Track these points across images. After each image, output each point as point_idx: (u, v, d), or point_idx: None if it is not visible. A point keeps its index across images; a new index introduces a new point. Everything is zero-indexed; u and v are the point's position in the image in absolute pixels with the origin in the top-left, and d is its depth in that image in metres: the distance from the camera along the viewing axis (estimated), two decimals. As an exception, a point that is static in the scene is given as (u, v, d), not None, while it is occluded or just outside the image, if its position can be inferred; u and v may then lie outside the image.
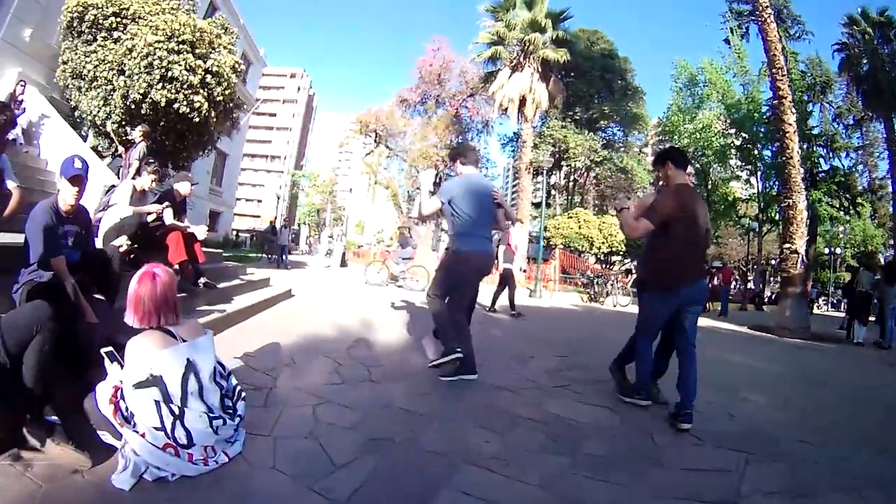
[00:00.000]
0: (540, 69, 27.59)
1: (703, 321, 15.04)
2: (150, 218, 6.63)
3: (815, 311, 31.16)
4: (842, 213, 34.47)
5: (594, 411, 4.46)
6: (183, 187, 7.28)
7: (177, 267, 6.52)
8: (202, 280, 7.06)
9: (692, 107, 33.69)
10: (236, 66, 14.11)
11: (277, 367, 4.84)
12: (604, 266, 26.00)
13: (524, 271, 17.94)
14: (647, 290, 4.53)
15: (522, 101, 27.60)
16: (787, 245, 15.05)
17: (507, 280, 11.60)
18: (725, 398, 5.21)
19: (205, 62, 12.85)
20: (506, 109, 28.72)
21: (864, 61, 30.26)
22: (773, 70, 16.00)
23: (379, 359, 5.63)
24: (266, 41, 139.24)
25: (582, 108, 33.31)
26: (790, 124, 15.65)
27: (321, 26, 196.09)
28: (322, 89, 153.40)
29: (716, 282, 21.40)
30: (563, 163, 33.21)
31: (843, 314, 20.21)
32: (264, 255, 25.35)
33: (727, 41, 32.99)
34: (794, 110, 16.17)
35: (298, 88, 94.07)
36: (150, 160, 9.51)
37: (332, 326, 7.32)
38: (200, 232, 7.12)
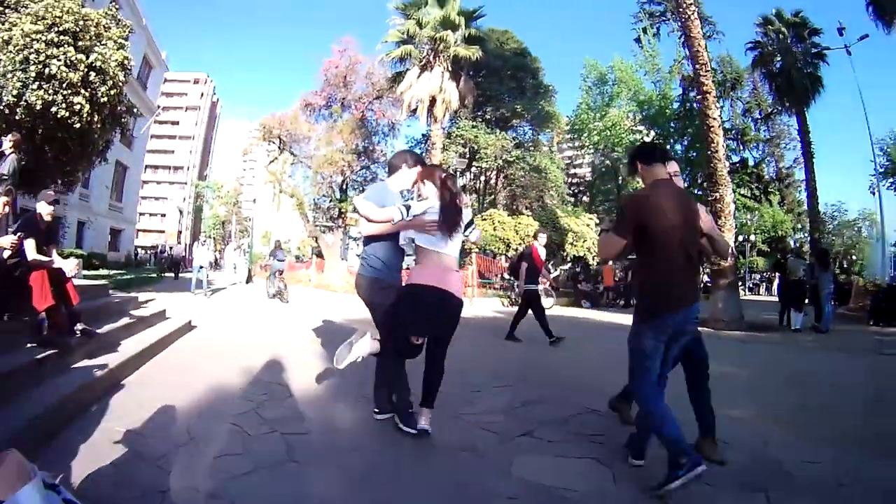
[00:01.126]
0: (450, 68, 26.77)
1: (626, 318, 14.80)
2: (4, 254, 5.22)
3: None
4: (753, 201, 35.97)
5: (580, 468, 3.63)
6: (42, 208, 5.88)
7: (43, 315, 5.00)
8: (79, 327, 5.42)
9: (602, 105, 34.25)
10: (126, 62, 12.34)
11: (170, 449, 3.49)
12: None
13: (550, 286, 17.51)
14: (637, 318, 3.47)
15: (432, 102, 26.68)
16: None
17: (531, 303, 10.13)
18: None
19: (87, 56, 11.18)
20: (414, 110, 27.81)
21: (778, 59, 31.55)
22: (698, 66, 15.93)
23: (299, 420, 4.42)
24: (169, 44, 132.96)
25: (493, 107, 32.82)
26: (715, 119, 15.73)
27: (226, 28, 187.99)
28: (227, 96, 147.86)
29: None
30: (473, 164, 32.44)
31: (760, 297, 20.75)
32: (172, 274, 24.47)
33: (638, 40, 33.77)
34: (718, 105, 16.19)
35: (202, 94, 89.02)
36: (4, 178, 7.95)
37: (238, 371, 5.97)
38: (69, 267, 5.61)
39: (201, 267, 17.52)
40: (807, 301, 14.13)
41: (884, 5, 25.71)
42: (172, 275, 26.85)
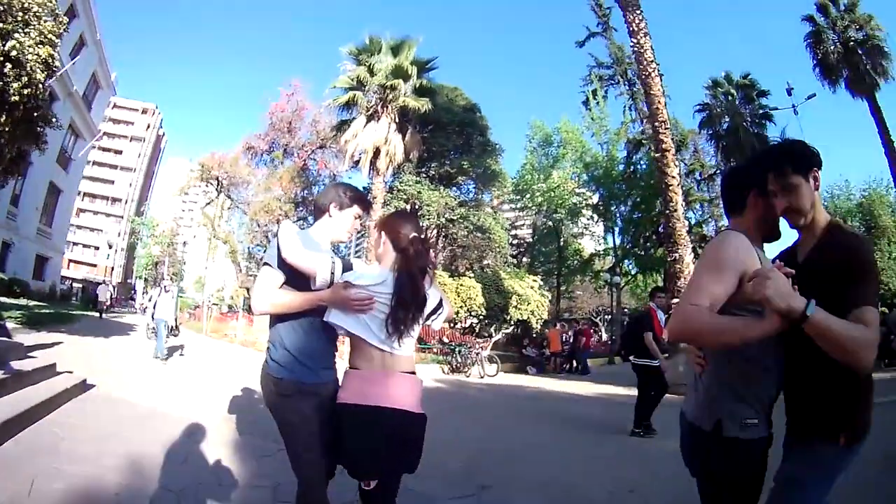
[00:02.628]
0: (398, 119, 26.13)
1: (581, 387, 14.04)
2: None
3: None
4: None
5: None
6: None
7: None
8: None
9: (546, 166, 34.41)
10: (50, 61, 10.85)
11: None
12: (464, 333, 24.34)
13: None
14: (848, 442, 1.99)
15: (376, 153, 25.81)
16: (676, 300, 14.33)
17: (656, 383, 8.17)
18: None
19: (3, 43, 9.79)
20: (357, 161, 26.93)
21: (725, 119, 33.49)
22: (657, 123, 16.03)
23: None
24: (119, 67, 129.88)
25: (438, 162, 31.99)
26: (674, 177, 15.63)
27: (178, 61, 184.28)
28: (172, 130, 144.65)
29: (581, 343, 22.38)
30: None
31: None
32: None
33: (586, 103, 34.35)
34: (676, 164, 16.00)
35: (148, 126, 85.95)
36: None
37: (121, 468, 4.40)
38: None
39: (166, 322, 13.60)
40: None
41: (829, 67, 28.31)
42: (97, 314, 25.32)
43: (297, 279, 2.67)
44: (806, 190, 2.03)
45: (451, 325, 24.02)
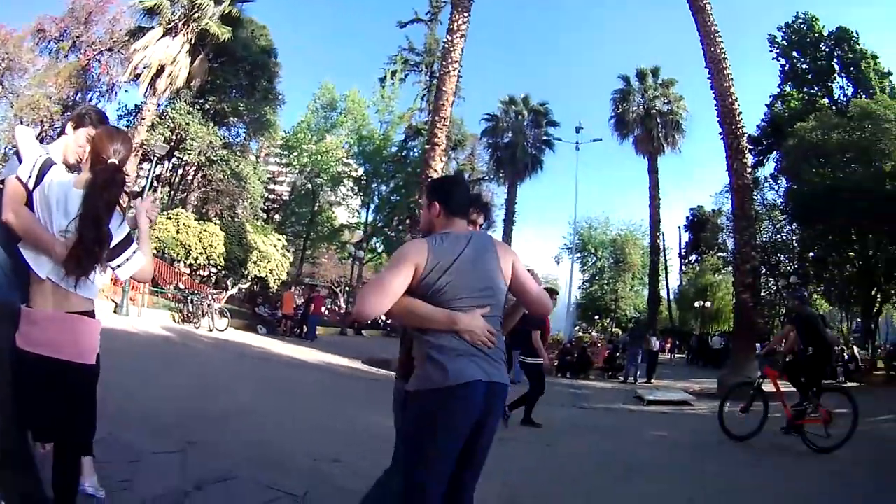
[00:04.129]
0: (194, 42, 24.65)
1: (307, 353, 14.05)
2: None
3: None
4: None
5: None
6: None
7: None
8: None
9: (322, 129, 33.86)
10: None
11: None
12: (202, 282, 23.07)
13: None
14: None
15: (160, 71, 24.01)
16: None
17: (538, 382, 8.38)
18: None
19: None
20: (139, 75, 24.78)
21: (509, 134, 36.35)
22: (438, 118, 16.94)
23: None
24: None
25: (217, 98, 29.74)
26: (436, 171, 16.40)
27: None
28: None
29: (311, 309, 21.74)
30: (175, 153, 28.92)
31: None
32: None
33: (383, 80, 34.49)
34: (444, 159, 16.68)
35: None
36: None
37: None
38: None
39: None
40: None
41: (624, 123, 33.70)
42: None
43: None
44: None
45: (192, 272, 22.51)
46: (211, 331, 16.10)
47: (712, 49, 16.33)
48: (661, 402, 12.11)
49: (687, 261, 50.15)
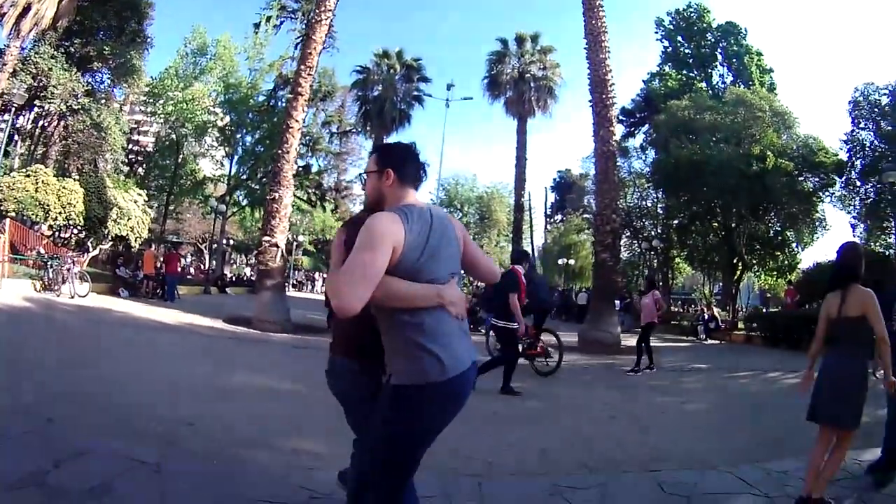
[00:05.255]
0: None
1: (169, 315, 13.81)
2: None
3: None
4: (308, 205, 38.78)
5: None
6: None
7: None
8: None
9: (190, 75, 32.26)
10: None
11: None
12: (63, 244, 21.04)
13: None
14: None
15: (26, 9, 21.47)
16: (268, 238, 15.38)
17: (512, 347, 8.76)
18: None
19: None
20: (3, 14, 21.77)
21: (379, 87, 36.09)
22: (303, 67, 16.55)
23: None
24: None
25: (83, 40, 26.95)
26: (297, 121, 16.40)
27: None
28: None
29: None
30: (36, 102, 26.16)
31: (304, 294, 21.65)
32: None
33: (257, 26, 33.30)
34: (305, 109, 16.71)
35: None
36: None
37: None
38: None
39: None
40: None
41: (497, 84, 34.48)
42: None
43: None
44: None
45: (53, 234, 20.87)
46: (72, 297, 14.87)
47: (594, 21, 16.87)
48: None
49: (552, 220, 52.86)
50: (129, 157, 35.50)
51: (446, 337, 2.17)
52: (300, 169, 31.35)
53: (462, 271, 2.63)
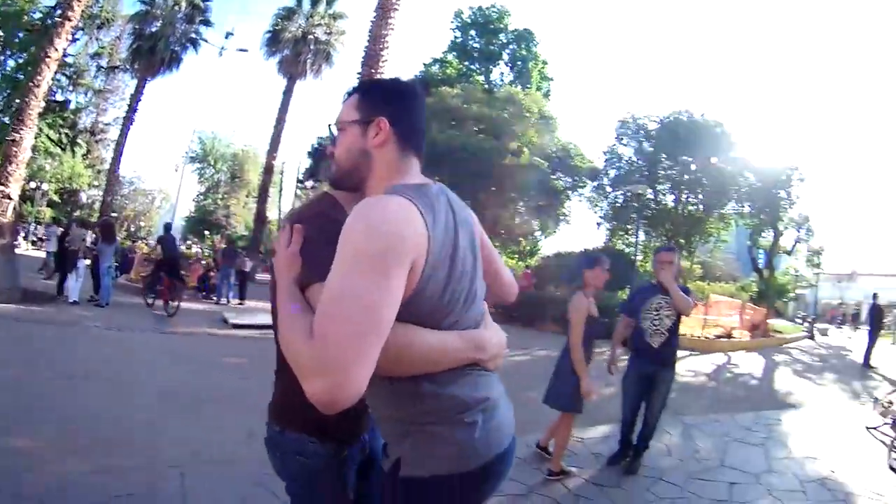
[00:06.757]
0: None
1: None
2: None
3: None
4: (58, 147, 34.58)
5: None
6: None
7: None
8: None
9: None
10: None
11: None
12: None
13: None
14: None
15: None
16: (1, 188, 12.54)
17: None
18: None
19: None
20: None
21: (158, 23, 32.57)
22: None
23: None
24: None
25: None
26: (57, 50, 13.63)
27: None
28: None
29: None
30: None
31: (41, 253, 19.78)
32: None
33: None
34: (69, 38, 14.56)
35: None
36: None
37: None
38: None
39: None
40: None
41: (277, 39, 32.79)
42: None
43: None
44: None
45: None
46: None
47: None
48: (247, 325, 11.54)
49: (304, 186, 52.38)
50: None
51: (481, 404, 1.37)
52: (56, 105, 28.38)
53: None
